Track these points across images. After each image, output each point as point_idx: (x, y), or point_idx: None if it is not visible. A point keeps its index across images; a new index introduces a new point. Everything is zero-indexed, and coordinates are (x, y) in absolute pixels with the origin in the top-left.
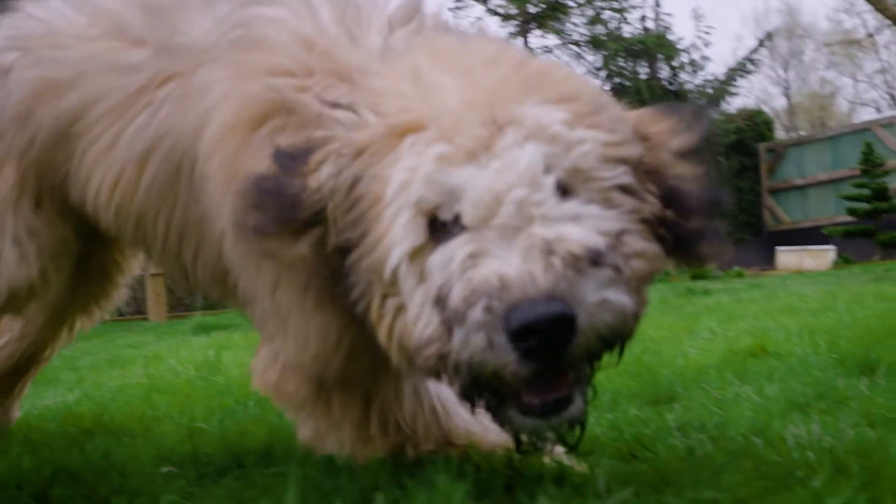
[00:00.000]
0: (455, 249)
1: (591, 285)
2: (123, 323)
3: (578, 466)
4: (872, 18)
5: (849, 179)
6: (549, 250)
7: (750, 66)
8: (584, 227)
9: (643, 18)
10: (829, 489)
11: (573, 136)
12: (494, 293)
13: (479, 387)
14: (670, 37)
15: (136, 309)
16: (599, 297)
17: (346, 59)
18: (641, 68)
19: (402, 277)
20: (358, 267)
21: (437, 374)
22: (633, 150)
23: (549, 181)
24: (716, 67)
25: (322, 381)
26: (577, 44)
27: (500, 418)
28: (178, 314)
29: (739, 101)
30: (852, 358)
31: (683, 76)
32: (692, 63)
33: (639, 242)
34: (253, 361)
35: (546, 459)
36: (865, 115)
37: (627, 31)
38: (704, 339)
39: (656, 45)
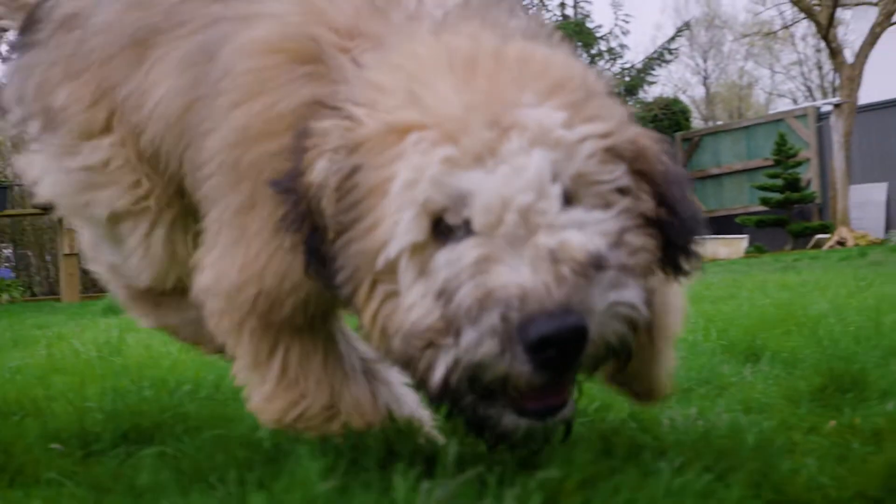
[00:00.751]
0: (464, 251)
1: (598, 291)
2: (35, 304)
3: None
4: (789, 10)
5: (763, 169)
6: (555, 259)
7: (667, 56)
8: (587, 232)
9: (562, 5)
10: (678, 468)
11: (574, 136)
12: (512, 303)
13: (474, 386)
14: (589, 24)
15: (49, 289)
16: (607, 302)
17: (379, 30)
18: None
19: (400, 269)
20: (346, 251)
21: (413, 363)
22: (627, 136)
23: (556, 189)
24: (635, 56)
25: (246, 315)
26: None
27: (481, 415)
28: (92, 295)
29: (658, 89)
30: (740, 345)
31: (602, 64)
32: (610, 51)
33: (639, 238)
34: None
35: (421, 440)
36: (782, 105)
37: (546, 17)
38: None
39: (575, 33)
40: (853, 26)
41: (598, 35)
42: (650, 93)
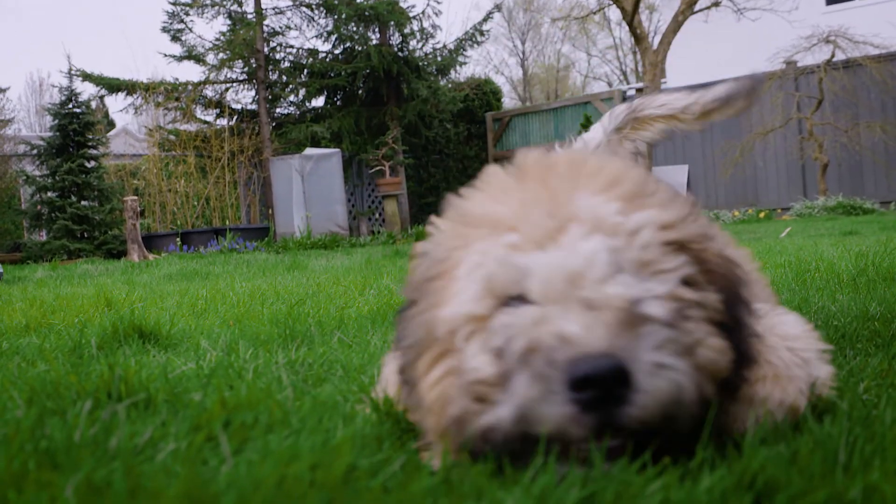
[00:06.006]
0: (520, 313)
1: (646, 346)
2: None
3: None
4: None
5: None
6: (595, 307)
7: (479, 37)
8: (633, 288)
9: None
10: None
11: (630, 222)
12: (556, 348)
13: (525, 439)
14: (402, 4)
15: None
16: (654, 359)
17: None
18: (372, 34)
19: (462, 336)
20: (411, 322)
21: (466, 423)
22: (692, 229)
23: (606, 259)
24: (454, 36)
25: None
26: (309, 6)
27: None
28: None
29: (479, 69)
30: None
31: (413, 44)
32: (422, 31)
33: (703, 330)
34: None
35: None
36: (597, 88)
37: None
38: (373, 294)
39: (388, 12)
40: (665, 15)
41: (410, 15)
42: (462, 73)
